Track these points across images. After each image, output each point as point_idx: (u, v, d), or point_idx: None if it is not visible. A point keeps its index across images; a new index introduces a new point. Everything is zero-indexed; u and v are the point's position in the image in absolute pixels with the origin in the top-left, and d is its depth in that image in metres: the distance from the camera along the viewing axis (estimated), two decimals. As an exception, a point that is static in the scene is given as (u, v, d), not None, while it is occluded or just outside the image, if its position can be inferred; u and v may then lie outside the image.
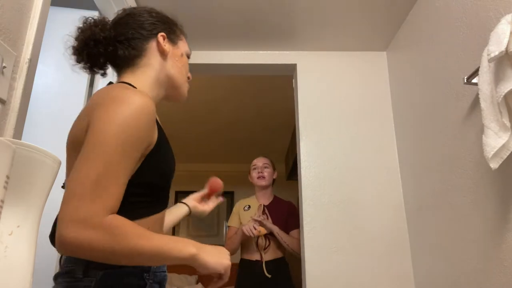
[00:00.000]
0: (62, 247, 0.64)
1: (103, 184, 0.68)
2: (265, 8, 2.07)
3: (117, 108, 0.74)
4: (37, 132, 1.61)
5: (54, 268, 1.51)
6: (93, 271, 0.75)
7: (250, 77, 3.10)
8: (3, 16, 0.91)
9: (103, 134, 0.71)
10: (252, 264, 2.32)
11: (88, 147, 0.70)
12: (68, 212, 0.66)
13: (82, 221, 0.65)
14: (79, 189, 0.67)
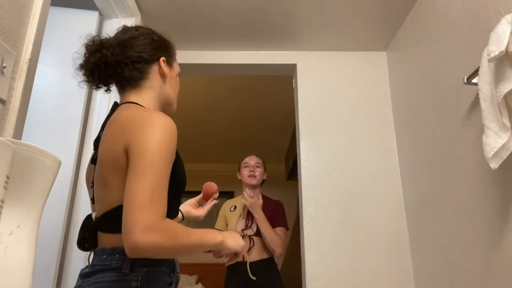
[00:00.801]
0: (136, 251, 0.77)
1: (158, 194, 0.82)
2: (265, 8, 2.07)
3: (155, 130, 0.89)
4: (37, 132, 1.61)
5: (54, 268, 1.51)
6: (138, 268, 0.89)
7: (250, 77, 3.10)
8: (3, 16, 0.91)
9: (150, 152, 0.85)
10: (236, 265, 2.19)
11: (140, 165, 0.84)
12: (137, 221, 0.78)
13: (150, 227, 0.78)
14: (142, 200, 0.80)
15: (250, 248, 2.22)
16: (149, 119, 0.91)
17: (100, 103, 1.85)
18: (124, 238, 0.77)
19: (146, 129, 0.89)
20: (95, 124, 1.81)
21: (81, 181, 1.73)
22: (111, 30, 1.95)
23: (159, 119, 0.91)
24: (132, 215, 0.78)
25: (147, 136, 0.87)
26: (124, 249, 0.78)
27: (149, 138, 0.87)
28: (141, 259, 0.90)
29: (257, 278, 2.10)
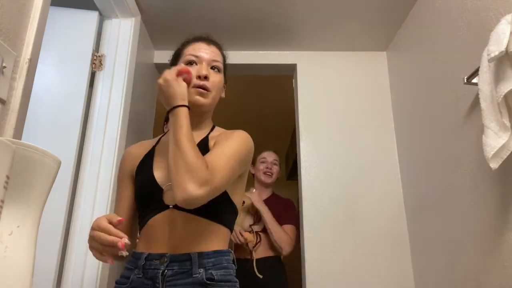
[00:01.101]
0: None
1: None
2: (265, 8, 2.07)
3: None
4: (37, 132, 1.61)
5: (54, 268, 1.51)
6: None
7: (250, 77, 3.10)
8: (3, 16, 0.91)
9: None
10: (242, 262, 2.09)
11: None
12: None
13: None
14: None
15: (256, 244, 2.18)
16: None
17: (100, 103, 1.85)
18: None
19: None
20: (95, 124, 1.81)
21: (81, 181, 1.73)
22: (111, 30, 1.97)
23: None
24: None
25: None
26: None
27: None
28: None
29: (263, 276, 2.08)
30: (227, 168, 0.99)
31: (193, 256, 0.99)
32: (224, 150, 1.02)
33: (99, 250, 0.91)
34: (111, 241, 0.86)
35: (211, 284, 0.97)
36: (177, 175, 0.92)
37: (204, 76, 1.11)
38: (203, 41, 1.21)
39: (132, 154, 1.19)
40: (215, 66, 1.17)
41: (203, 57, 1.15)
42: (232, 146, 1.05)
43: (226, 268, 1.02)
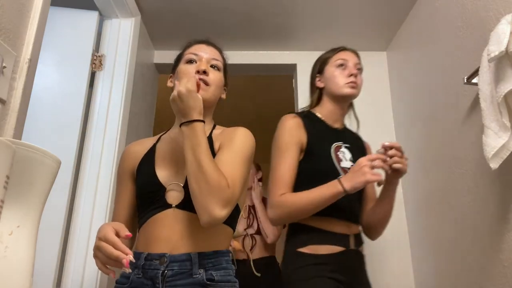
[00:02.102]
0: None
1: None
2: (265, 8, 2.07)
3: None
4: (37, 132, 1.61)
5: (54, 268, 1.51)
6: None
7: (250, 77, 3.10)
8: (3, 16, 0.91)
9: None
10: (239, 264, 2.18)
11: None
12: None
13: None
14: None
15: (252, 247, 2.27)
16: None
17: (100, 103, 1.85)
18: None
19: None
20: (95, 124, 1.81)
21: (81, 181, 1.73)
22: (111, 30, 1.97)
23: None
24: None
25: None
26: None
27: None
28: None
29: (261, 275, 2.16)
30: (242, 179, 1.03)
31: (193, 257, 0.99)
32: (235, 159, 1.04)
33: (103, 261, 0.90)
34: (117, 256, 0.85)
35: (211, 284, 0.97)
36: (201, 197, 0.94)
37: (203, 71, 1.11)
38: (203, 43, 1.23)
39: (132, 152, 1.19)
40: (215, 65, 1.18)
41: (203, 55, 1.17)
42: (241, 151, 1.07)
43: (226, 269, 1.02)
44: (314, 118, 1.46)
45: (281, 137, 1.38)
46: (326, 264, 1.26)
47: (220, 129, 1.19)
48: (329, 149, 1.38)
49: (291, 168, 1.33)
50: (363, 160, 1.21)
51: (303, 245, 1.30)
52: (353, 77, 1.43)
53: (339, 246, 1.30)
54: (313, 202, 1.25)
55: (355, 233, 1.37)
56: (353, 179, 1.20)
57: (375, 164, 1.20)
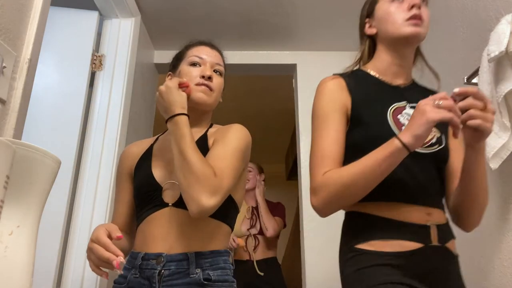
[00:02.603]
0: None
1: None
2: (265, 8, 2.07)
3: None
4: (37, 132, 1.61)
5: (54, 268, 1.51)
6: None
7: (250, 77, 3.10)
8: (3, 16, 0.91)
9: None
10: (242, 263, 2.30)
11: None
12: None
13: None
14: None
15: (255, 247, 2.33)
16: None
17: (100, 103, 1.85)
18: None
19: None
20: (95, 124, 1.81)
21: (81, 181, 1.73)
22: (111, 30, 1.97)
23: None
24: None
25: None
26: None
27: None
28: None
29: (264, 274, 2.23)
30: (232, 169, 1.01)
31: (190, 256, 0.99)
32: (225, 150, 1.03)
33: (95, 263, 0.91)
34: (107, 257, 0.86)
35: (208, 284, 0.97)
36: (188, 187, 0.94)
37: (208, 77, 1.12)
38: (207, 45, 1.23)
39: (131, 153, 1.20)
40: (218, 70, 1.18)
41: (207, 59, 1.17)
42: (232, 144, 1.06)
43: (223, 269, 1.02)
44: (363, 76, 1.14)
45: (318, 104, 1.07)
46: (396, 267, 0.91)
47: (217, 127, 1.20)
48: (385, 113, 1.03)
49: (335, 140, 1.01)
50: (423, 100, 0.86)
51: (363, 240, 0.97)
52: (415, 10, 1.05)
53: (415, 242, 0.93)
54: (365, 172, 0.90)
55: (439, 222, 0.97)
56: (411, 125, 0.85)
57: (442, 104, 0.82)
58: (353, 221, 1.03)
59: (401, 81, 1.12)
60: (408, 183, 0.96)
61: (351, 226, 1.03)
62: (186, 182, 0.94)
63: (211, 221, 1.04)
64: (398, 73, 1.12)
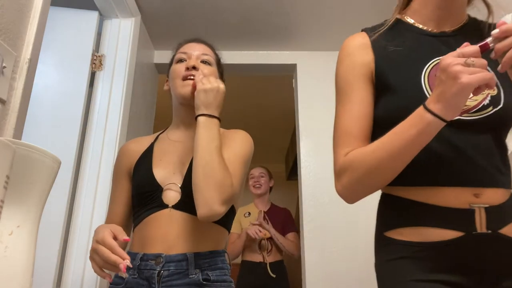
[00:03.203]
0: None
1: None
2: (265, 8, 2.07)
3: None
4: (37, 132, 1.61)
5: (54, 268, 1.51)
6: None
7: (250, 77, 3.10)
8: (3, 16, 0.91)
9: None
10: (255, 265, 2.46)
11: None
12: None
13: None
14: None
15: (269, 251, 2.49)
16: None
17: (100, 103, 1.85)
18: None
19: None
20: (95, 124, 1.81)
21: (81, 181, 1.73)
22: (111, 30, 1.97)
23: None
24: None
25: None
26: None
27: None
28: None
29: (274, 277, 2.40)
30: (241, 178, 1.04)
31: (189, 257, 0.99)
32: (235, 158, 1.05)
33: (99, 264, 0.90)
34: (114, 260, 0.85)
35: (207, 284, 0.97)
36: (205, 190, 0.94)
37: (192, 66, 1.10)
38: (193, 41, 1.23)
39: (130, 150, 1.18)
40: (205, 60, 1.16)
41: (192, 53, 1.16)
42: (241, 152, 1.09)
43: (221, 269, 1.02)
44: (396, 27, 0.90)
45: (338, 72, 0.93)
46: (429, 259, 0.76)
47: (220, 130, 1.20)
48: (419, 73, 0.81)
49: (359, 114, 0.86)
50: (448, 57, 0.68)
51: (392, 226, 0.84)
52: None
53: (453, 230, 0.76)
54: (391, 154, 0.75)
55: (492, 203, 0.77)
56: (442, 93, 0.67)
57: (476, 64, 0.65)
58: (384, 205, 0.92)
59: (448, 25, 0.87)
60: (451, 160, 0.77)
61: (382, 210, 0.92)
62: (205, 184, 0.94)
63: (208, 224, 1.04)
64: (443, 16, 0.87)
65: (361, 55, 0.87)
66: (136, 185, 1.11)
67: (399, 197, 0.84)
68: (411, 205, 0.81)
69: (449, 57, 0.67)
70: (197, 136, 0.99)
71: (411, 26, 0.89)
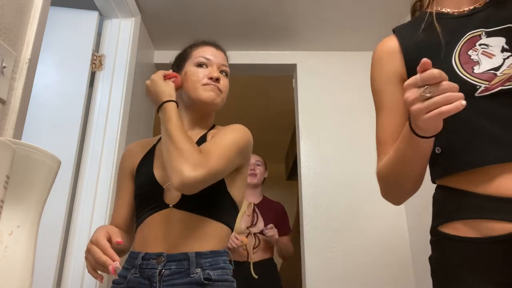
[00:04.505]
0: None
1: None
2: (265, 8, 2.07)
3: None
4: (37, 132, 1.61)
5: (54, 268, 1.51)
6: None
7: (250, 77, 3.10)
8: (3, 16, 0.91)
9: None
10: (238, 265, 2.02)
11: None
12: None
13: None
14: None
15: (255, 247, 2.21)
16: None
17: (100, 103, 1.85)
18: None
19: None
20: (95, 124, 1.81)
21: (81, 181, 1.73)
22: (111, 30, 1.97)
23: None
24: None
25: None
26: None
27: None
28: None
29: (259, 277, 2.10)
30: (223, 153, 1.00)
31: (190, 256, 0.99)
32: (220, 139, 1.05)
33: (92, 265, 0.92)
34: (104, 261, 0.87)
35: (208, 284, 0.97)
36: (170, 161, 0.94)
37: (216, 78, 1.12)
38: (212, 45, 1.23)
39: (133, 152, 1.20)
40: (224, 71, 1.20)
41: (214, 60, 1.17)
42: (228, 136, 1.07)
43: (223, 268, 1.02)
44: (428, 20, 0.87)
45: (371, 78, 0.92)
46: (485, 258, 0.70)
47: (218, 128, 1.20)
48: (449, 56, 0.79)
49: (392, 120, 0.84)
50: (407, 91, 0.66)
51: (444, 220, 0.81)
52: None
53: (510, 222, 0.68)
54: (394, 163, 0.78)
55: None
56: (414, 121, 0.68)
57: (427, 95, 0.62)
58: (437, 197, 0.88)
59: (467, 3, 0.85)
60: (502, 136, 0.71)
61: (435, 202, 0.88)
62: (169, 156, 0.95)
63: (211, 222, 1.04)
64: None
65: (389, 60, 0.87)
66: (138, 185, 1.12)
67: (450, 187, 0.80)
68: (464, 195, 0.75)
69: (408, 91, 0.65)
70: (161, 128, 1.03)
71: (441, 15, 0.86)
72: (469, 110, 0.66)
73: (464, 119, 0.73)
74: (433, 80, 0.61)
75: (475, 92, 0.73)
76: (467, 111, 0.65)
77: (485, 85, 0.73)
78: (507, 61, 0.73)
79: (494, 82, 0.72)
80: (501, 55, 0.75)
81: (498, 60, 0.74)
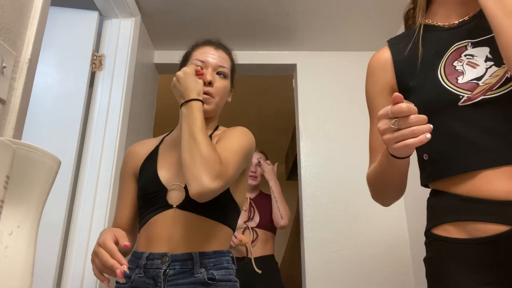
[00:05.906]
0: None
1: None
2: (265, 8, 2.07)
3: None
4: (37, 132, 1.61)
5: (54, 268, 1.51)
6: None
7: (250, 77, 3.10)
8: (3, 16, 0.91)
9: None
10: (239, 261, 1.96)
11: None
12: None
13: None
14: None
15: (253, 241, 2.19)
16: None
17: (100, 103, 1.85)
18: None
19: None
20: (95, 124, 1.81)
21: (81, 181, 1.73)
22: (111, 30, 1.97)
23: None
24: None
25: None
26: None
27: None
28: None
29: (262, 272, 2.08)
30: (237, 162, 1.01)
31: (194, 256, 0.99)
32: (230, 145, 1.05)
33: (99, 268, 0.91)
34: (112, 265, 0.86)
35: (212, 283, 0.97)
36: (193, 167, 0.93)
37: (208, 82, 1.11)
38: (212, 45, 1.21)
39: (136, 152, 1.20)
40: (221, 72, 1.16)
41: (209, 62, 1.15)
42: (237, 141, 1.07)
43: (226, 268, 1.02)
44: (420, 32, 0.92)
45: (365, 88, 0.97)
46: (476, 259, 0.73)
47: (222, 129, 1.20)
48: (436, 67, 0.84)
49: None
50: (380, 121, 0.71)
51: (436, 222, 0.82)
52: None
53: (498, 224, 0.71)
54: (377, 173, 0.85)
55: None
56: (388, 145, 0.73)
57: (396, 126, 0.67)
58: (429, 200, 0.90)
59: (466, 14, 0.88)
60: (483, 143, 0.75)
61: (428, 205, 0.90)
62: (192, 161, 0.94)
63: (213, 223, 1.05)
64: (460, 8, 0.89)
65: (381, 72, 0.93)
66: (141, 186, 1.12)
67: (440, 191, 0.84)
68: (453, 198, 0.79)
69: (380, 121, 0.71)
70: (182, 125, 1.01)
71: (432, 27, 0.91)
72: (453, 119, 0.77)
73: (449, 128, 0.79)
74: (401, 114, 0.66)
75: (458, 102, 0.78)
76: (451, 119, 0.76)
77: (468, 95, 0.78)
78: (489, 71, 0.78)
79: (476, 92, 0.77)
80: (484, 65, 0.79)
81: (481, 70, 0.79)
